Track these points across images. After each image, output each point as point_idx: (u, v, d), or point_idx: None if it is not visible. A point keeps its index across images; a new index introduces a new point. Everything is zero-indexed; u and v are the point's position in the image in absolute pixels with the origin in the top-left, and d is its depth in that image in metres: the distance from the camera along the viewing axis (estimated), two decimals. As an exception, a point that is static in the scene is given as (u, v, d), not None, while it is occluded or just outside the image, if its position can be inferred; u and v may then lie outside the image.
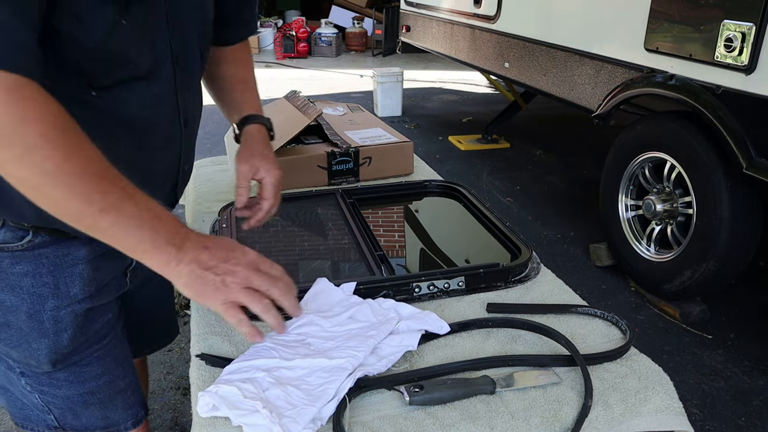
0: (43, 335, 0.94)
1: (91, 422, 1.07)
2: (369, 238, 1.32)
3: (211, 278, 0.80)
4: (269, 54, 8.83)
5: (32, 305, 0.92)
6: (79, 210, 0.72)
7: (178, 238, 0.79)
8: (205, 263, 0.80)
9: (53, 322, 0.94)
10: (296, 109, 1.83)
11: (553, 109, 5.62)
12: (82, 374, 1.02)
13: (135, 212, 0.75)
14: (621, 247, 2.88)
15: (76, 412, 1.05)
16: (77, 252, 0.93)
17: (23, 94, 0.66)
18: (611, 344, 1.01)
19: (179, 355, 2.29)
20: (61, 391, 1.02)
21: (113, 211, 0.73)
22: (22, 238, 0.87)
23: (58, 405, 1.04)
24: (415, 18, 5.14)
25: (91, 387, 1.03)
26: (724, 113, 2.20)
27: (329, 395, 0.84)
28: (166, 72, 0.91)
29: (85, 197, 0.71)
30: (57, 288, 0.93)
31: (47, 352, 0.96)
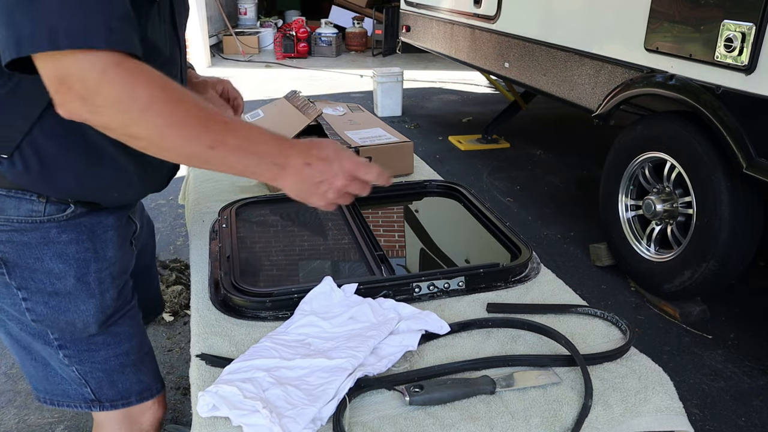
0: (91, 296, 1.05)
1: (127, 387, 1.16)
2: (369, 238, 1.32)
3: (315, 191, 0.92)
4: (269, 54, 8.83)
5: (79, 269, 1.03)
6: (193, 150, 0.83)
7: (281, 158, 0.89)
8: (310, 178, 0.91)
9: (98, 284, 1.05)
10: (296, 109, 1.83)
11: (553, 109, 5.62)
12: (118, 335, 1.12)
13: (237, 143, 0.85)
14: (621, 247, 2.88)
15: (112, 379, 1.14)
16: (106, 220, 1.06)
17: (128, 66, 0.77)
18: (611, 344, 1.01)
19: (179, 355, 2.29)
20: (100, 354, 1.11)
21: (219, 145, 0.83)
22: (65, 210, 0.99)
23: (95, 374, 1.12)
24: (415, 18, 5.14)
25: (125, 348, 1.14)
26: (724, 113, 2.20)
27: (329, 395, 0.84)
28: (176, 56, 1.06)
29: (195, 139, 0.82)
30: (96, 252, 1.05)
31: (95, 311, 1.06)
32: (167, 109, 0.79)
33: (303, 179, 0.91)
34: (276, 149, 0.89)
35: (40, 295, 1.02)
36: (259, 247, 1.35)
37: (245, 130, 0.87)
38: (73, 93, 0.76)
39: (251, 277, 1.20)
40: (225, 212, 1.47)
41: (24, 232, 0.98)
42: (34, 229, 0.98)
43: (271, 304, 1.09)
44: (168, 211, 3.53)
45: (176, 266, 2.84)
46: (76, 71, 0.75)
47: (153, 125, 0.79)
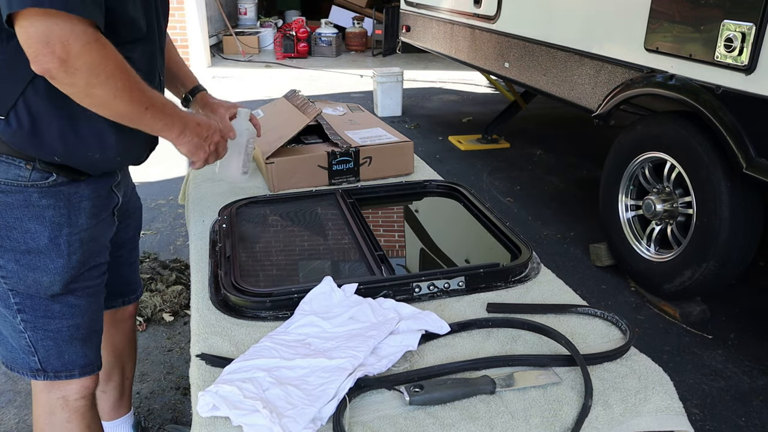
0: (60, 255, 1.16)
1: (72, 359, 1.25)
2: (369, 238, 1.32)
3: (203, 145, 1.23)
4: (269, 54, 8.82)
5: (53, 231, 1.15)
6: (134, 110, 1.05)
7: (185, 119, 1.17)
8: (201, 134, 1.22)
9: (67, 246, 1.17)
10: (296, 109, 1.83)
11: (553, 109, 5.62)
12: (74, 307, 1.22)
13: (162, 108, 1.10)
14: (621, 247, 2.87)
15: (60, 350, 1.23)
16: (83, 191, 1.18)
17: (102, 40, 0.96)
18: (611, 344, 1.01)
19: (179, 355, 2.29)
20: (54, 323, 1.21)
21: (151, 108, 1.08)
22: (47, 178, 1.12)
23: (46, 343, 1.21)
24: (415, 18, 5.14)
25: (78, 321, 1.23)
26: (724, 113, 2.20)
27: (329, 395, 0.84)
28: (155, 35, 1.19)
29: (138, 102, 1.05)
30: (70, 218, 1.17)
31: (62, 270, 1.17)
32: (124, 77, 1.00)
33: (196, 135, 1.20)
34: (182, 113, 1.17)
35: (12, 253, 1.14)
36: (259, 247, 1.35)
37: (164, 100, 1.12)
38: (54, 54, 0.91)
39: (251, 277, 1.20)
40: (225, 212, 1.47)
41: (9, 194, 1.10)
42: (18, 192, 1.11)
43: (271, 304, 1.09)
44: (168, 211, 3.53)
45: (176, 266, 2.84)
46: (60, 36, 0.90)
47: (113, 88, 0.99)
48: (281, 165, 1.63)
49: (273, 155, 1.62)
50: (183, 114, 1.18)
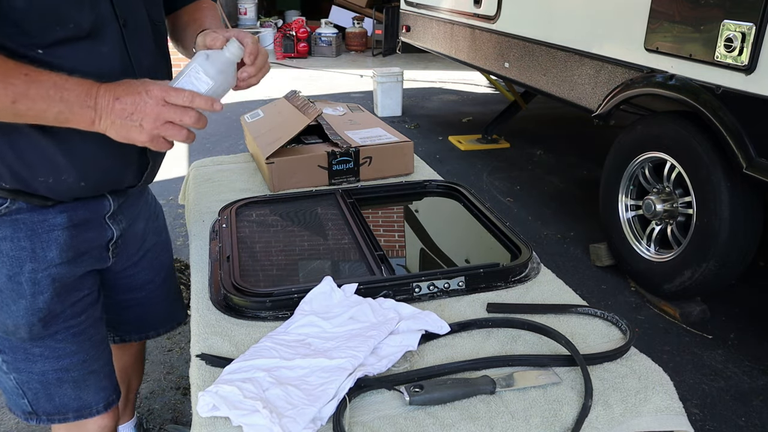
0: (21, 296, 1.01)
1: (65, 403, 1.12)
2: (369, 238, 1.32)
3: (131, 124, 0.89)
4: (269, 54, 8.82)
5: (11, 268, 1.00)
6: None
7: (89, 99, 0.87)
8: (121, 113, 0.88)
9: (31, 284, 1.01)
10: (296, 109, 1.83)
11: (553, 109, 5.61)
12: (57, 350, 1.08)
13: (42, 93, 0.84)
14: (621, 247, 2.87)
15: (49, 393, 1.10)
16: (54, 219, 1.01)
17: None
18: (611, 344, 1.01)
19: (179, 355, 2.29)
20: (36, 366, 1.07)
21: (23, 99, 0.83)
22: (1, 204, 0.96)
23: (32, 386, 1.09)
24: (415, 18, 5.14)
25: (65, 364, 1.09)
26: (724, 113, 2.20)
27: (329, 395, 0.84)
28: (111, 33, 0.97)
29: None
30: (34, 252, 1.00)
31: (24, 313, 1.02)
32: None
33: (116, 115, 0.88)
34: (84, 92, 0.87)
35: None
36: (259, 247, 1.35)
37: (50, 78, 0.85)
38: None
39: (251, 277, 1.20)
40: (225, 212, 1.47)
41: None
42: None
43: (271, 304, 1.09)
44: (168, 211, 3.53)
45: (176, 266, 2.84)
46: None
47: None
48: (281, 165, 1.63)
49: (273, 155, 1.62)
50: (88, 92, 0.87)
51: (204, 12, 1.23)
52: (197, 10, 1.23)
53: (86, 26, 0.92)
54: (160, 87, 0.89)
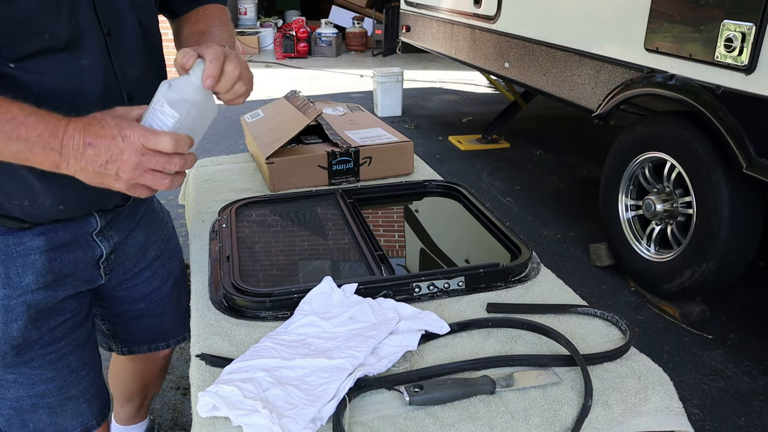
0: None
1: (39, 428, 1.06)
2: (369, 238, 1.32)
3: (105, 172, 0.79)
4: (269, 54, 8.82)
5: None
6: None
7: (54, 139, 0.77)
8: (94, 161, 0.78)
9: (3, 311, 0.94)
10: (296, 109, 1.83)
11: (553, 109, 5.61)
12: (32, 377, 1.01)
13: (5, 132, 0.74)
14: (621, 247, 2.87)
15: (23, 418, 1.04)
16: (31, 242, 0.94)
17: None
18: (611, 344, 1.01)
19: (179, 355, 2.29)
20: (10, 392, 1.01)
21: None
22: None
23: (5, 411, 1.03)
24: (415, 18, 5.14)
25: (40, 390, 1.03)
26: (724, 113, 2.20)
27: (329, 395, 0.84)
28: (93, 43, 0.89)
29: None
30: (8, 278, 0.94)
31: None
32: None
33: (88, 162, 0.78)
34: (48, 131, 0.76)
35: None
36: (259, 247, 1.35)
37: (9, 111, 0.75)
38: None
39: (251, 277, 1.20)
40: (225, 212, 1.47)
41: None
42: None
43: (271, 304, 1.09)
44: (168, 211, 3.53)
45: (176, 266, 2.84)
46: None
47: None
48: (281, 165, 1.63)
49: (273, 155, 1.62)
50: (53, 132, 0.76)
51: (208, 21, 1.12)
52: (201, 20, 1.12)
53: (63, 37, 0.84)
54: (137, 131, 0.79)
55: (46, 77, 0.84)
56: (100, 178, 0.80)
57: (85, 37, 0.87)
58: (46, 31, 0.82)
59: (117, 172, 0.79)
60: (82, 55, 0.88)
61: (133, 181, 0.81)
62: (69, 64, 0.86)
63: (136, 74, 0.98)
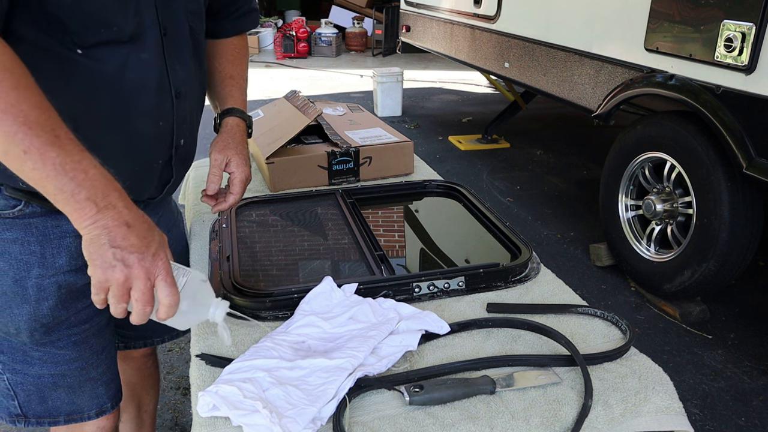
0: (25, 301, 0.98)
1: (57, 406, 1.10)
2: (369, 238, 1.32)
3: (109, 257, 0.76)
4: (269, 54, 8.82)
5: (18, 271, 0.96)
6: (6, 148, 0.72)
7: (101, 198, 0.75)
8: (115, 241, 0.76)
9: (36, 290, 0.98)
10: (296, 109, 1.83)
11: (553, 109, 5.62)
12: (57, 356, 1.05)
13: (58, 160, 0.73)
14: (621, 247, 2.88)
15: (43, 395, 1.08)
16: (68, 225, 0.94)
17: None
18: (611, 344, 1.01)
19: (179, 355, 2.29)
20: (34, 369, 1.05)
21: (36, 154, 0.72)
22: (15, 206, 0.92)
23: (26, 387, 1.06)
24: (415, 18, 5.14)
25: (63, 369, 1.07)
26: (724, 113, 2.20)
27: (329, 395, 0.84)
28: (152, 40, 0.95)
29: (11, 136, 0.71)
30: (44, 257, 0.97)
31: (27, 319, 0.99)
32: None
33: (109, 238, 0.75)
34: (102, 187, 0.76)
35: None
36: (259, 247, 1.35)
37: (76, 153, 0.74)
38: None
39: (251, 277, 1.20)
40: (225, 212, 1.47)
41: None
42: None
43: (271, 304, 1.09)
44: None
45: (176, 266, 2.84)
46: None
47: None
48: (281, 165, 1.63)
49: (273, 155, 1.62)
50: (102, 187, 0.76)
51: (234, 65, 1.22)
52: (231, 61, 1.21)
53: (129, 30, 0.90)
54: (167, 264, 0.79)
55: (107, 65, 0.89)
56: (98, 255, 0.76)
57: (146, 33, 0.93)
58: (114, 24, 0.88)
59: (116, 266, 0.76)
60: (141, 49, 0.93)
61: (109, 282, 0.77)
62: (129, 56, 0.91)
63: (184, 74, 1.04)
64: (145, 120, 0.99)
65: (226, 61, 1.23)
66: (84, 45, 0.86)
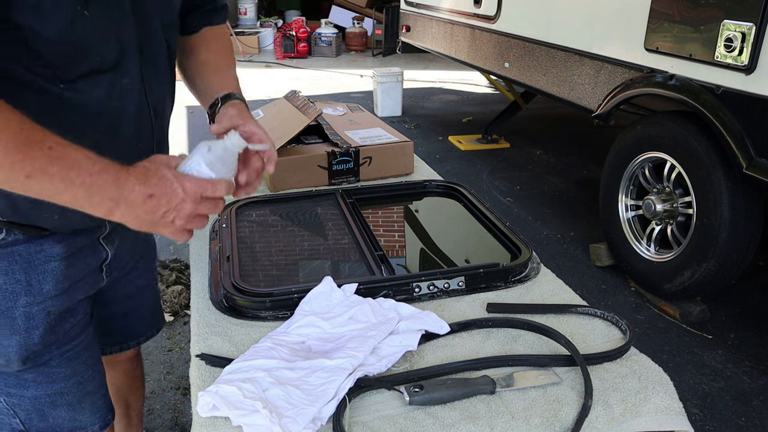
0: (15, 332, 0.95)
1: (59, 423, 1.07)
2: (369, 238, 1.32)
3: (162, 221, 0.83)
4: (269, 54, 8.82)
5: (4, 302, 0.94)
6: (7, 177, 0.73)
7: (115, 191, 0.78)
8: (154, 212, 0.81)
9: (25, 319, 0.96)
10: (296, 109, 1.83)
11: (553, 109, 5.62)
12: (51, 375, 1.03)
13: (63, 173, 0.74)
14: (621, 247, 2.88)
15: (43, 414, 1.05)
16: (51, 249, 0.95)
17: None
18: (611, 344, 1.01)
19: (179, 355, 2.29)
20: (29, 392, 1.02)
21: (40, 175, 0.73)
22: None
23: (25, 407, 1.04)
24: (415, 18, 5.14)
25: (59, 388, 1.05)
26: (724, 113, 2.20)
27: (329, 395, 0.84)
28: (132, 63, 0.92)
29: (9, 165, 0.72)
30: (30, 285, 0.95)
31: (17, 349, 0.97)
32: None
33: (147, 212, 0.81)
34: (111, 181, 0.78)
35: None
36: (259, 247, 1.35)
37: (75, 158, 0.76)
38: None
39: (251, 277, 1.20)
40: (225, 212, 1.47)
41: None
42: None
43: (271, 304, 1.09)
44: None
45: (176, 266, 2.84)
46: None
47: None
48: (281, 165, 1.63)
49: (273, 155, 1.62)
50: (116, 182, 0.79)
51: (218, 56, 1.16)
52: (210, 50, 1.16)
53: (111, 59, 0.88)
54: (194, 182, 0.84)
55: (90, 96, 0.87)
56: (152, 226, 0.83)
57: (126, 58, 0.90)
58: (98, 54, 0.85)
59: (173, 220, 0.84)
60: (122, 75, 0.90)
61: (184, 226, 0.85)
62: (112, 84, 0.89)
63: (160, 90, 1.01)
64: (128, 143, 0.97)
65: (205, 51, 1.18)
66: (67, 79, 0.84)
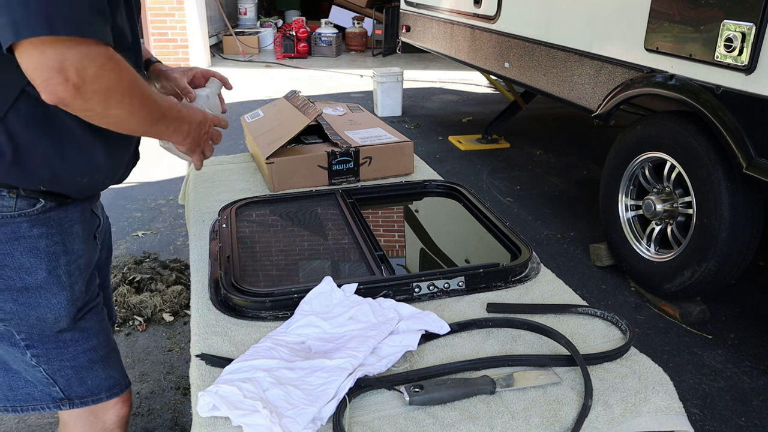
0: (62, 288, 1.07)
1: (96, 383, 1.17)
2: (369, 238, 1.32)
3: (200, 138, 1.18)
4: (269, 54, 8.82)
5: (49, 263, 1.05)
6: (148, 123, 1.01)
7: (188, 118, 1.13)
8: (200, 129, 1.17)
9: (68, 276, 1.08)
10: (296, 109, 1.83)
11: (553, 109, 5.62)
12: (86, 330, 1.14)
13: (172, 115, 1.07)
14: (621, 247, 2.87)
15: (81, 376, 1.15)
16: (73, 214, 1.09)
17: (117, 58, 0.90)
18: (611, 344, 1.01)
19: (179, 355, 2.29)
20: (69, 351, 1.12)
21: (163, 118, 1.04)
22: (35, 204, 1.02)
23: (64, 372, 1.13)
24: (415, 18, 5.14)
25: (93, 343, 1.16)
26: (724, 113, 2.20)
27: (329, 395, 0.84)
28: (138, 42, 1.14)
29: (150, 115, 1.00)
30: (65, 245, 1.08)
31: (66, 304, 1.08)
32: (139, 92, 0.95)
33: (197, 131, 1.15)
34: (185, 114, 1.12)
35: (8, 293, 1.03)
36: (259, 247, 1.35)
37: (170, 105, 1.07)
38: (69, 82, 0.83)
39: (251, 277, 1.20)
40: (225, 212, 1.47)
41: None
42: (5, 224, 1.00)
43: (271, 304, 1.09)
44: (168, 211, 3.53)
45: (176, 266, 2.84)
46: (75, 61, 0.83)
47: (128, 105, 0.94)
48: (281, 165, 1.63)
49: (273, 155, 1.62)
50: (185, 114, 1.12)
51: None
52: None
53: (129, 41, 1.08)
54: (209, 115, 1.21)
55: None
56: (196, 142, 1.17)
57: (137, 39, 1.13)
58: (126, 37, 1.06)
59: (203, 137, 1.18)
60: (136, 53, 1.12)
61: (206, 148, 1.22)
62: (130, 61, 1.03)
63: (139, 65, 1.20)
64: None
65: None
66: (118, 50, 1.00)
